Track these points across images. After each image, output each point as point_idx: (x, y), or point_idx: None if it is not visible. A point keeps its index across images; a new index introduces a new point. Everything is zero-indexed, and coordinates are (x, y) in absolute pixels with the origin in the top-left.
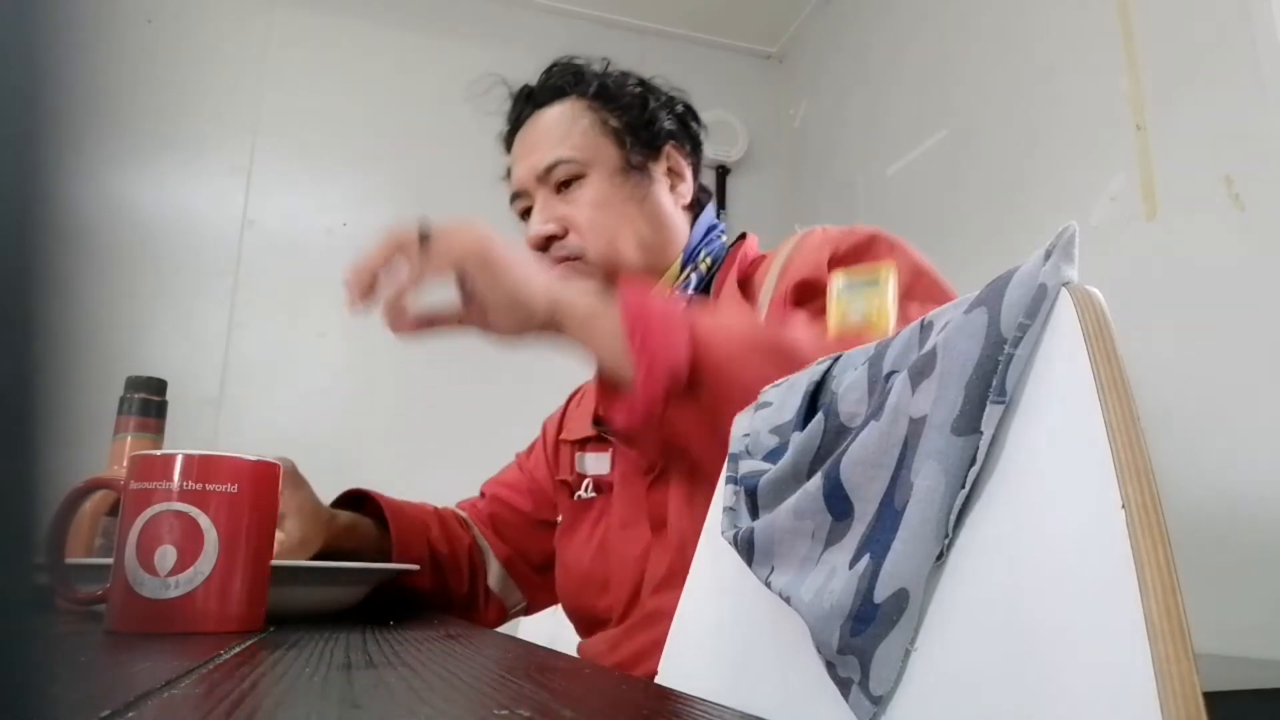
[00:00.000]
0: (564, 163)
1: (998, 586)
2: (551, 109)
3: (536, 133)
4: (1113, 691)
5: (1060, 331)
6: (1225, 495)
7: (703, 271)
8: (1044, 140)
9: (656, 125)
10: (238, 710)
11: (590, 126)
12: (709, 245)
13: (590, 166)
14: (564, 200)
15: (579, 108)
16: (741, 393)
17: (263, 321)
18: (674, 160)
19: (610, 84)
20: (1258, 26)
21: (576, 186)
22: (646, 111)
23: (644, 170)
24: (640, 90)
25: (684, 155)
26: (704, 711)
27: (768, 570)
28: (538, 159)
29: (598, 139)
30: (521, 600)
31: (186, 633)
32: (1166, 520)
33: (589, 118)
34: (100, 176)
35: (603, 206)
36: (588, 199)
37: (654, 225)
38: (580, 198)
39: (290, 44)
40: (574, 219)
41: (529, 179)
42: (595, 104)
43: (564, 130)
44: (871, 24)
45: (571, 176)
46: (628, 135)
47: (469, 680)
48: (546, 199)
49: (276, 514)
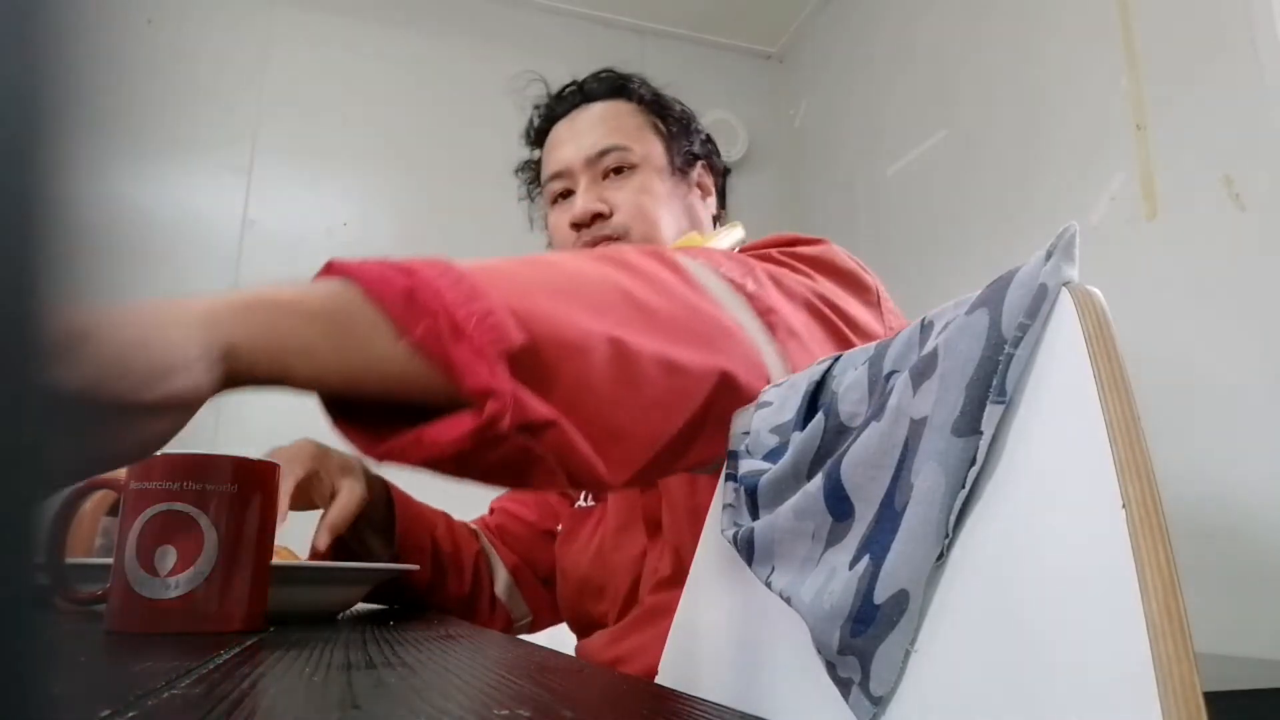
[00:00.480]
0: (618, 149)
1: (998, 586)
2: (602, 103)
3: (587, 121)
4: (1113, 691)
5: (1060, 331)
6: (1225, 495)
7: None
8: (1044, 140)
9: (694, 143)
10: (238, 710)
11: (642, 125)
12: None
13: (640, 159)
14: (610, 185)
15: (631, 107)
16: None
17: None
18: (704, 178)
19: (660, 97)
20: (1258, 26)
21: (626, 175)
22: (689, 129)
23: (685, 175)
24: (682, 110)
25: (712, 176)
26: (704, 711)
27: (768, 570)
28: (590, 142)
29: (649, 136)
30: (527, 615)
31: (186, 633)
32: (1166, 520)
33: (641, 118)
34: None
35: (649, 195)
36: (635, 187)
37: (691, 223)
38: (628, 185)
39: (290, 44)
40: (620, 203)
41: (576, 160)
42: (646, 109)
43: (618, 122)
44: (872, 24)
45: (622, 164)
46: (673, 142)
47: (469, 680)
48: (592, 182)
49: (276, 514)
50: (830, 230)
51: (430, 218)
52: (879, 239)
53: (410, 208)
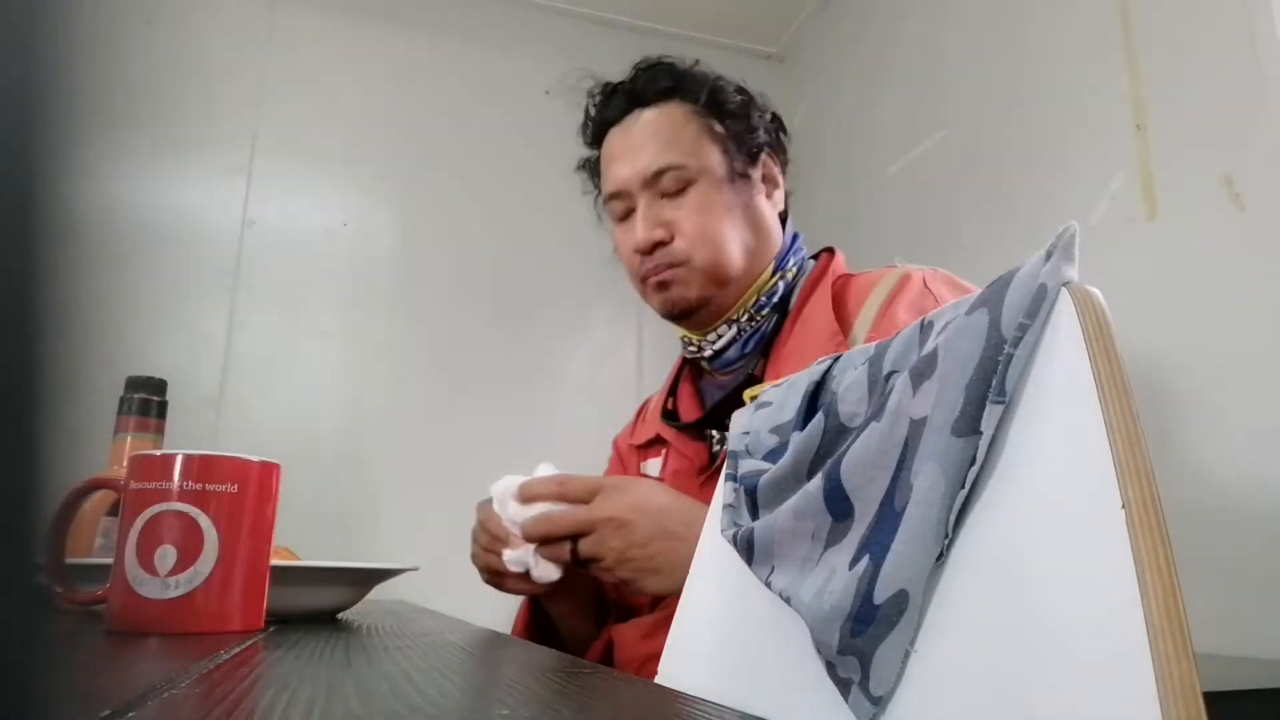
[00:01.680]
0: (674, 169)
1: (998, 586)
2: (655, 109)
3: (641, 133)
4: (1113, 691)
5: (1060, 331)
6: (1225, 495)
7: (789, 280)
8: (1044, 140)
9: (756, 134)
10: (238, 710)
11: (698, 133)
12: (796, 254)
13: (698, 174)
14: (670, 205)
15: (685, 112)
16: None
17: (263, 321)
18: (769, 168)
19: (717, 91)
20: (1258, 26)
21: (684, 193)
22: (749, 121)
23: (746, 177)
24: (741, 99)
25: (777, 164)
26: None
27: (768, 570)
28: (645, 163)
29: (705, 145)
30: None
31: (186, 633)
32: (1166, 520)
33: (696, 123)
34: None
35: (710, 213)
36: (695, 205)
37: (755, 230)
38: (687, 203)
39: (290, 44)
40: (681, 225)
41: (633, 181)
42: (701, 110)
43: (672, 134)
44: (872, 24)
45: (680, 184)
46: (732, 143)
47: (470, 680)
48: (651, 202)
49: (275, 514)
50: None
51: (430, 218)
52: (879, 239)
53: (410, 208)
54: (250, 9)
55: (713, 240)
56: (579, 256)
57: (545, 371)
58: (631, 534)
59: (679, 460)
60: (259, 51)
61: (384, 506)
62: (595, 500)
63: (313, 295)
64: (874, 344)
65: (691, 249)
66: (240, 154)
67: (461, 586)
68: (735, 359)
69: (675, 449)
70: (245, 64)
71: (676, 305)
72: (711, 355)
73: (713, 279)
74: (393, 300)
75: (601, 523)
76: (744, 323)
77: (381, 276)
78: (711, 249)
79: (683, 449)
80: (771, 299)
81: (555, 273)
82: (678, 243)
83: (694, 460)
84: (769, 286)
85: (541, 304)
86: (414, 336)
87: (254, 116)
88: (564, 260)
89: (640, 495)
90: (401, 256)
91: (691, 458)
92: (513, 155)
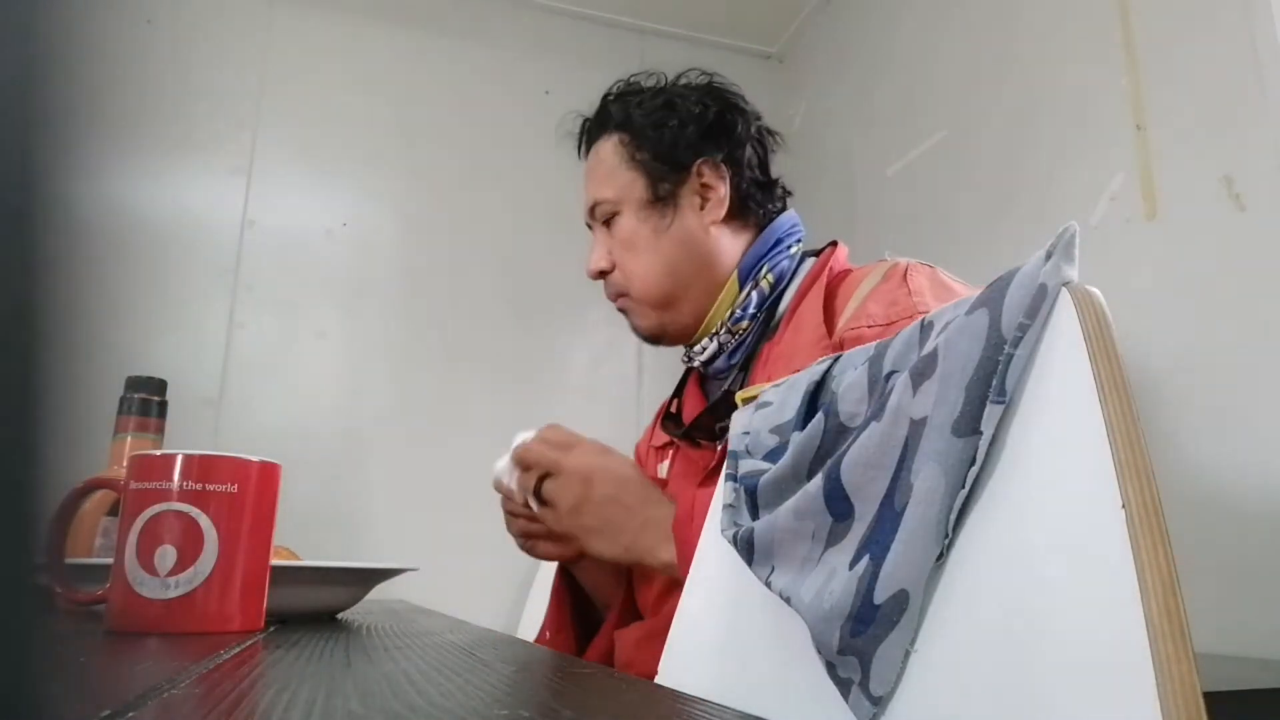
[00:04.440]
0: (601, 203)
1: (998, 586)
2: (600, 144)
3: (590, 168)
4: (1113, 691)
5: (1060, 331)
6: (1225, 495)
7: (764, 290)
8: (1044, 140)
9: (680, 147)
10: (238, 710)
11: (620, 164)
12: (773, 259)
13: (622, 204)
14: (610, 236)
15: (613, 143)
16: None
17: (263, 321)
18: (705, 176)
19: (636, 114)
20: (1258, 26)
21: (614, 223)
22: (668, 134)
23: (670, 199)
24: (662, 112)
25: (714, 168)
26: (704, 711)
27: (768, 570)
28: (587, 198)
29: (627, 174)
30: None
31: (186, 633)
32: (1166, 520)
33: (620, 154)
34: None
35: (631, 245)
36: (621, 237)
37: (685, 251)
38: (616, 235)
39: (290, 44)
40: (615, 256)
41: (586, 216)
42: (625, 137)
43: (606, 169)
44: (871, 24)
45: (608, 215)
46: (654, 164)
47: (469, 680)
48: (599, 233)
49: (275, 514)
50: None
51: (430, 218)
52: (878, 239)
53: (410, 208)
54: (250, 9)
55: (636, 271)
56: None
57: (545, 371)
58: (589, 490)
59: (684, 463)
60: (259, 51)
61: (384, 506)
62: (571, 451)
63: (312, 295)
64: (874, 344)
65: (626, 281)
66: (240, 154)
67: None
68: (724, 369)
69: (682, 451)
70: (245, 64)
71: (638, 332)
72: (703, 363)
73: (654, 305)
74: (392, 300)
75: (569, 470)
76: (724, 336)
77: (381, 276)
78: (638, 279)
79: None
80: (747, 310)
81: (555, 273)
82: (615, 274)
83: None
84: (742, 299)
85: (542, 304)
86: (414, 336)
87: (254, 116)
88: (564, 260)
89: (608, 462)
90: (401, 256)
91: (695, 459)
92: (513, 155)
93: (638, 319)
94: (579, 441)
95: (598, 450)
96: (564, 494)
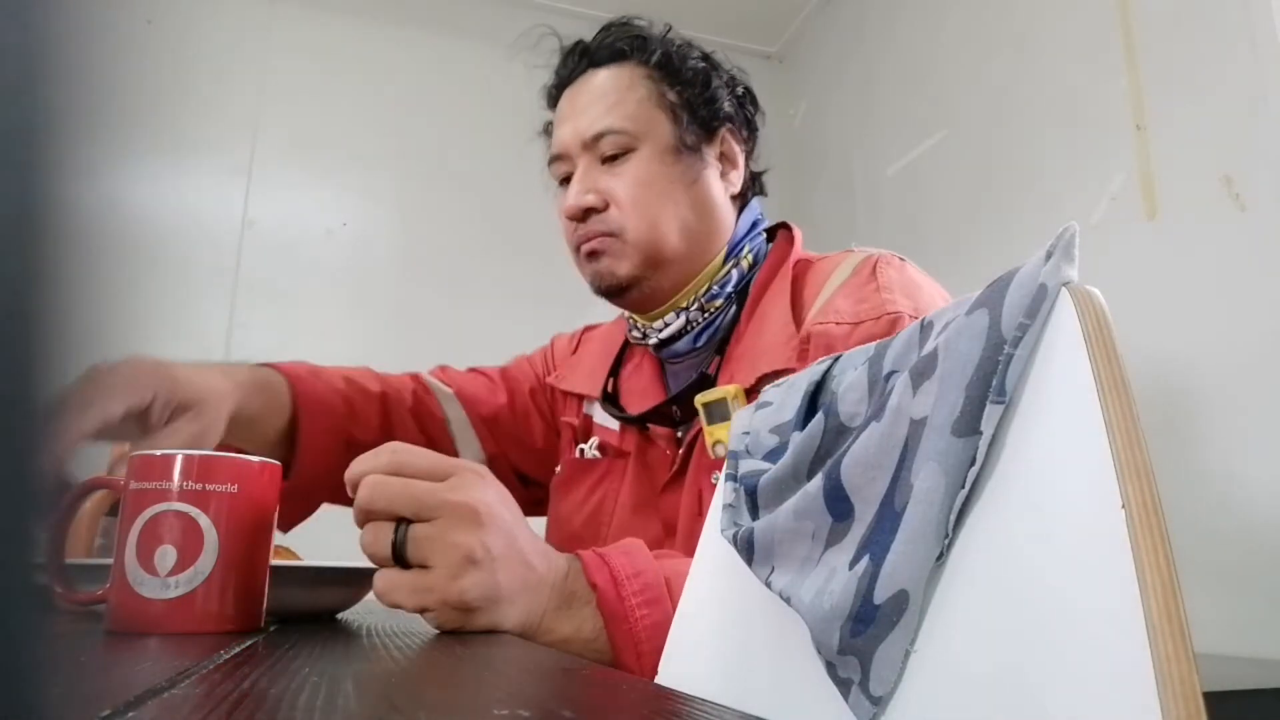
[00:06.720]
0: (614, 133)
1: (998, 586)
2: (607, 70)
3: (588, 94)
4: (1113, 691)
5: (1060, 331)
6: (1225, 494)
7: (744, 269)
8: (1044, 140)
9: (716, 105)
10: (238, 710)
11: (646, 97)
12: (752, 241)
13: (641, 140)
14: (608, 172)
15: (637, 75)
16: None
17: (263, 321)
18: (728, 145)
19: (674, 54)
20: (1258, 26)
21: (623, 160)
22: (708, 89)
23: (697, 152)
24: (703, 65)
25: (739, 141)
26: (704, 711)
27: (768, 570)
28: (586, 124)
29: (652, 112)
30: (481, 454)
31: (186, 633)
32: (1166, 520)
33: (646, 87)
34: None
35: (649, 185)
36: (633, 175)
37: (699, 212)
38: (626, 172)
39: (290, 44)
40: (617, 194)
41: (574, 143)
42: (655, 74)
43: (618, 96)
44: (872, 24)
45: (620, 149)
46: (684, 112)
47: (469, 680)
48: (589, 167)
49: (276, 514)
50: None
51: (430, 218)
52: (878, 239)
53: (410, 208)
54: (250, 9)
55: (648, 214)
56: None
57: None
58: (485, 535)
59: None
60: (259, 51)
61: None
62: (450, 480)
63: (312, 295)
64: (874, 344)
65: (625, 220)
66: (240, 154)
67: None
68: (685, 351)
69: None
70: (245, 64)
71: (604, 279)
72: (657, 344)
73: (646, 257)
74: (392, 300)
75: (453, 507)
76: (694, 312)
77: (381, 276)
78: (646, 224)
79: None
80: (725, 288)
81: (555, 272)
82: (611, 211)
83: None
84: (721, 275)
85: (542, 303)
86: (413, 336)
87: (254, 116)
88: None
89: (503, 496)
90: (401, 256)
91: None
92: (513, 155)
93: (614, 263)
94: (452, 466)
95: (484, 475)
96: (448, 543)
